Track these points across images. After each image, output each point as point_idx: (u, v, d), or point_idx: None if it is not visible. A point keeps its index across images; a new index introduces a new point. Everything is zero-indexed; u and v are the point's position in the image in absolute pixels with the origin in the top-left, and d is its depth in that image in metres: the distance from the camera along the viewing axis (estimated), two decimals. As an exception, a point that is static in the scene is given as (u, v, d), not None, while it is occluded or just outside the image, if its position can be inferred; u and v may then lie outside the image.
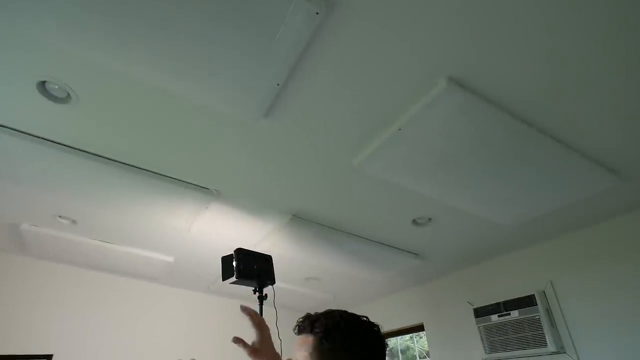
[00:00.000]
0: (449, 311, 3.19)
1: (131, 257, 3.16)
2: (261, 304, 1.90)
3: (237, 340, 0.98)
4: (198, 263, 3.25)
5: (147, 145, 1.84)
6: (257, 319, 1.03)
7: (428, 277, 3.38)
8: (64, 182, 2.14)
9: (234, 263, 1.93)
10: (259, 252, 2.07)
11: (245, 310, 1.04)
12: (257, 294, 1.92)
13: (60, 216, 2.62)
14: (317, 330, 0.76)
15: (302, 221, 2.43)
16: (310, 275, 3.41)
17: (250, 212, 2.42)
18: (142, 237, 2.86)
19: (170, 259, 3.15)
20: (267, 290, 2.01)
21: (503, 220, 2.33)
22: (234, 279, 1.90)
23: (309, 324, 0.79)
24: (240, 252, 1.97)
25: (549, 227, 2.49)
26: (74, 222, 2.68)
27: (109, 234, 2.85)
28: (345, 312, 0.81)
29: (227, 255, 1.99)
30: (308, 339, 0.76)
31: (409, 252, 2.83)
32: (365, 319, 0.80)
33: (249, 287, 1.99)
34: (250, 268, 1.94)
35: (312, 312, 0.84)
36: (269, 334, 1.05)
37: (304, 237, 2.60)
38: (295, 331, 0.82)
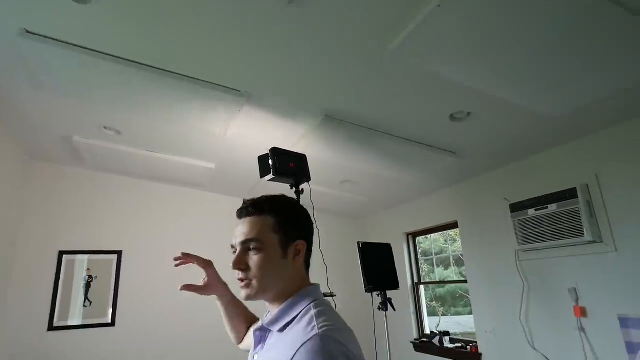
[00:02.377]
0: (483, 208, 3.23)
1: (176, 165, 3.36)
2: (298, 199, 2.01)
3: (186, 287, 1.09)
4: (237, 169, 3.41)
5: (177, 48, 1.80)
6: (200, 260, 1.14)
7: (464, 176, 3.36)
8: (107, 92, 2.22)
9: (270, 161, 2.00)
10: (294, 151, 2.12)
11: (186, 256, 1.13)
12: (294, 189, 2.01)
13: (105, 127, 2.76)
14: (274, 211, 0.86)
15: (334, 122, 2.41)
16: (345, 178, 3.50)
17: (283, 115, 2.42)
18: (183, 145, 3.00)
19: (212, 165, 3.33)
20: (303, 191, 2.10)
21: (547, 111, 2.17)
22: (271, 175, 1.99)
23: (257, 206, 0.86)
24: (275, 150, 2.03)
25: (595, 118, 2.31)
26: (118, 132, 2.83)
27: (153, 143, 3.01)
28: (283, 195, 0.93)
29: (264, 155, 2.06)
30: (267, 220, 0.85)
31: (446, 150, 2.78)
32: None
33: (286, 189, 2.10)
34: (285, 165, 2.01)
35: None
36: (214, 269, 1.18)
37: (338, 138, 2.60)
38: (243, 214, 0.88)
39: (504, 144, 2.70)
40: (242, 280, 0.84)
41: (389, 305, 2.43)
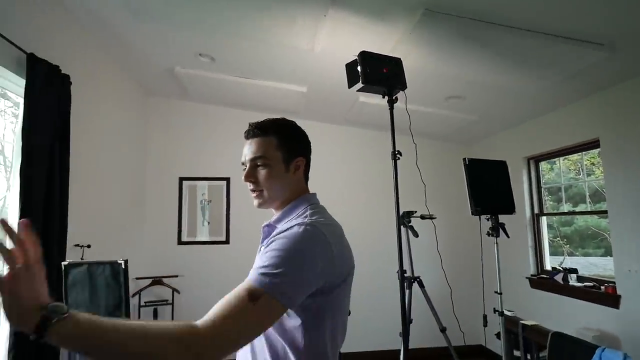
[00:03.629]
0: (634, 124, 2.48)
1: (269, 91, 3.33)
2: (391, 108, 1.75)
3: None
4: (329, 91, 3.22)
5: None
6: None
7: (613, 79, 2.59)
8: (197, 15, 2.18)
9: (359, 68, 1.75)
10: (386, 54, 1.82)
11: None
12: (387, 98, 1.75)
13: (200, 54, 2.80)
14: (277, 132, 0.96)
15: (437, 16, 1.97)
16: (451, 93, 3.03)
17: (373, 15, 2.07)
18: (273, 68, 2.91)
19: (303, 88, 3.20)
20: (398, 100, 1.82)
21: None
22: (360, 84, 1.75)
23: (262, 128, 0.97)
24: (364, 55, 1.76)
25: None
26: (212, 59, 2.85)
27: (244, 69, 2.98)
28: (284, 118, 1.02)
29: (351, 61, 1.82)
30: (271, 140, 0.96)
31: (590, 42, 2.12)
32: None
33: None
34: (376, 71, 1.74)
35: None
36: None
37: (441, 39, 2.17)
38: (250, 135, 0.98)
39: (687, 24, 1.92)
40: (253, 191, 0.97)
41: (500, 230, 2.11)
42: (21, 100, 1.91)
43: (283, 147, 0.96)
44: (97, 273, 1.48)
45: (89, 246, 2.53)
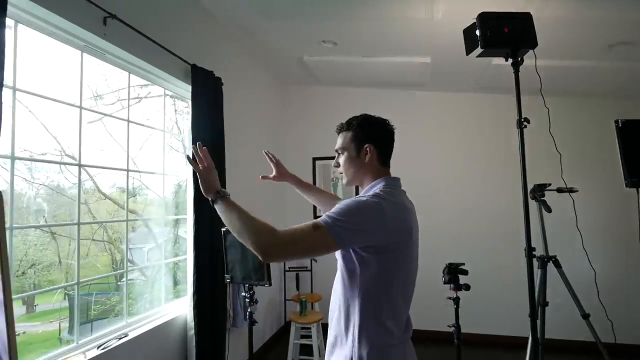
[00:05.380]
0: None
1: (392, 67, 3.31)
2: (516, 71, 1.56)
3: (264, 177, 1.62)
4: (455, 58, 2.98)
5: None
6: (272, 159, 1.63)
7: None
8: (316, 5, 2.35)
9: (478, 31, 1.61)
10: (512, 11, 1.62)
11: (268, 155, 1.63)
12: (511, 60, 1.57)
13: (323, 41, 2.99)
14: (353, 127, 1.20)
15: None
16: (616, 39, 2.45)
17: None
18: (392, 43, 2.88)
19: (427, 59, 3.07)
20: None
21: None
22: (479, 49, 1.61)
23: (346, 125, 1.22)
24: (483, 16, 1.61)
25: None
26: (334, 43, 3.00)
27: (366, 48, 3.04)
28: (366, 114, 1.25)
29: (469, 26, 1.68)
30: (349, 133, 1.20)
31: None
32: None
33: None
34: (498, 33, 1.57)
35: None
36: (282, 166, 1.66)
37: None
38: (338, 129, 1.25)
39: None
40: (341, 172, 1.23)
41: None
42: (189, 102, 2.43)
43: (356, 138, 1.18)
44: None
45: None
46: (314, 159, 4.24)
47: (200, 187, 1.13)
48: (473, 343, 3.49)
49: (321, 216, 1.00)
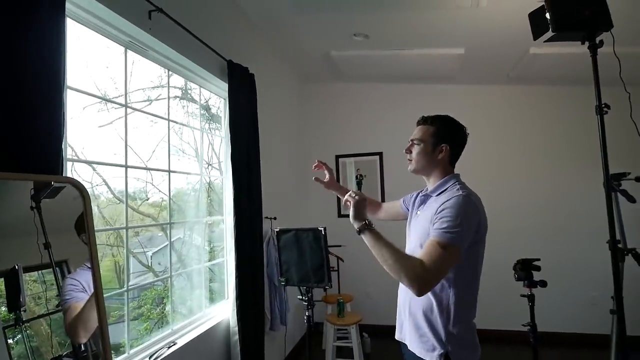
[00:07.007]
0: None
1: (422, 59, 3.23)
2: (594, 54, 1.48)
3: (316, 180, 1.72)
4: (493, 47, 2.92)
5: None
6: (327, 167, 1.71)
7: None
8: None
9: (548, 15, 1.53)
10: (583, -8, 1.54)
11: (321, 163, 1.71)
12: (588, 43, 1.49)
13: (355, 35, 2.90)
14: (435, 123, 1.31)
15: None
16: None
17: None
18: (427, 34, 2.80)
19: (461, 50, 2.99)
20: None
21: None
22: (550, 33, 1.53)
23: (430, 119, 1.32)
24: (554, -2, 1.53)
25: None
26: (366, 36, 2.91)
27: (399, 40, 2.95)
28: (448, 115, 1.34)
29: (537, 9, 1.61)
30: (429, 128, 1.31)
31: None
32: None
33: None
34: (571, 14, 1.49)
35: None
36: (333, 175, 1.74)
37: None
38: (419, 123, 1.35)
39: None
40: (409, 160, 1.34)
41: None
42: (225, 99, 2.34)
43: (436, 135, 1.28)
44: (303, 237, 1.74)
45: (275, 218, 2.99)
46: (337, 157, 4.15)
47: (350, 214, 1.20)
48: (547, 342, 3.23)
49: (431, 232, 1.12)
